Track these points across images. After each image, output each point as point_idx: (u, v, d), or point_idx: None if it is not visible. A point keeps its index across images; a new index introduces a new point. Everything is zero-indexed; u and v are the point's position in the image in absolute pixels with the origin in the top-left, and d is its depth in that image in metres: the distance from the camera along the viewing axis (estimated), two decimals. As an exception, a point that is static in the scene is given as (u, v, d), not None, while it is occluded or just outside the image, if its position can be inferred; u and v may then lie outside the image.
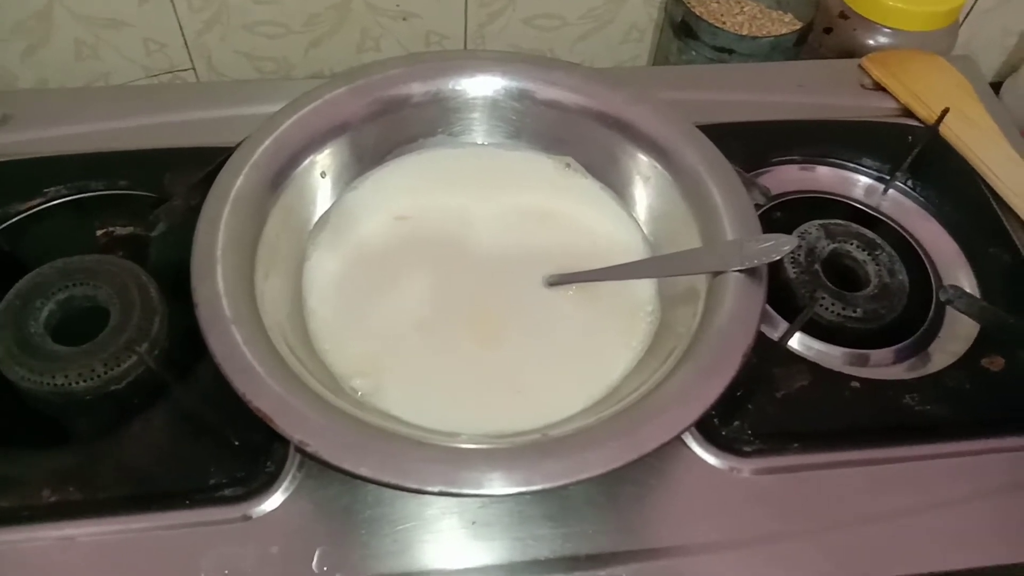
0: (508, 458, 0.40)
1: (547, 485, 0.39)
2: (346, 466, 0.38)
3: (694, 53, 0.74)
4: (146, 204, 0.56)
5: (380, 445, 0.40)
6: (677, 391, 0.42)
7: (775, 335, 0.52)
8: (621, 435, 0.40)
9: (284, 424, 0.39)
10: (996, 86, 0.80)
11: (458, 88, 0.55)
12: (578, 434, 0.41)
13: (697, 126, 0.54)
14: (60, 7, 0.72)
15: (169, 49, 0.77)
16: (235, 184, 0.48)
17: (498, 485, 0.38)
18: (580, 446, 0.40)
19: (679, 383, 0.42)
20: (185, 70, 0.80)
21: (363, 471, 0.38)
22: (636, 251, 0.53)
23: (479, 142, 0.57)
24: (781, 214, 0.61)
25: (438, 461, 0.39)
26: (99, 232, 0.56)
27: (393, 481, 0.38)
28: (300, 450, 0.41)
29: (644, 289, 0.51)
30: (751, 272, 0.46)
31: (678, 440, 0.49)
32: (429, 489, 0.38)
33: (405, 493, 0.46)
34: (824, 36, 0.76)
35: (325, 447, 0.39)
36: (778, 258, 0.45)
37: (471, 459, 0.40)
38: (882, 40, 0.73)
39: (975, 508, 0.47)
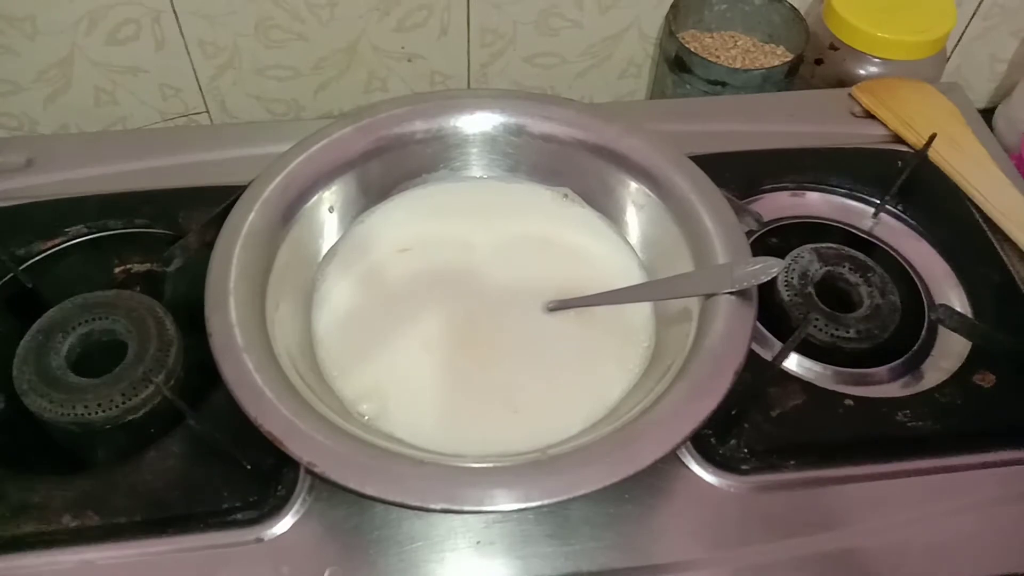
0: (508, 475, 0.41)
1: (546, 501, 0.40)
2: (352, 485, 0.40)
3: (688, 87, 0.77)
4: (162, 241, 0.58)
5: (384, 465, 0.41)
6: (671, 408, 0.44)
7: (770, 356, 0.54)
8: (617, 452, 0.42)
9: (293, 446, 0.41)
10: (990, 112, 0.82)
11: (457, 125, 0.57)
12: (575, 452, 0.43)
13: (691, 156, 0.55)
14: (81, 56, 0.75)
15: (184, 94, 0.80)
16: (247, 220, 0.51)
17: (499, 502, 0.40)
18: (578, 463, 0.42)
19: (673, 401, 0.44)
20: (199, 113, 0.83)
21: (368, 490, 0.40)
22: (632, 276, 0.55)
23: (479, 176, 0.60)
24: (776, 240, 0.62)
25: (440, 480, 0.41)
26: (117, 269, 0.58)
27: (397, 499, 0.40)
28: (309, 471, 0.43)
29: (640, 312, 0.53)
30: (742, 294, 0.48)
31: (676, 459, 0.50)
32: (431, 506, 0.40)
33: (412, 514, 0.47)
34: (815, 67, 0.78)
35: (332, 468, 0.40)
36: (766, 280, 0.47)
37: (472, 477, 0.41)
38: (872, 70, 0.75)
39: (967, 520, 0.48)
